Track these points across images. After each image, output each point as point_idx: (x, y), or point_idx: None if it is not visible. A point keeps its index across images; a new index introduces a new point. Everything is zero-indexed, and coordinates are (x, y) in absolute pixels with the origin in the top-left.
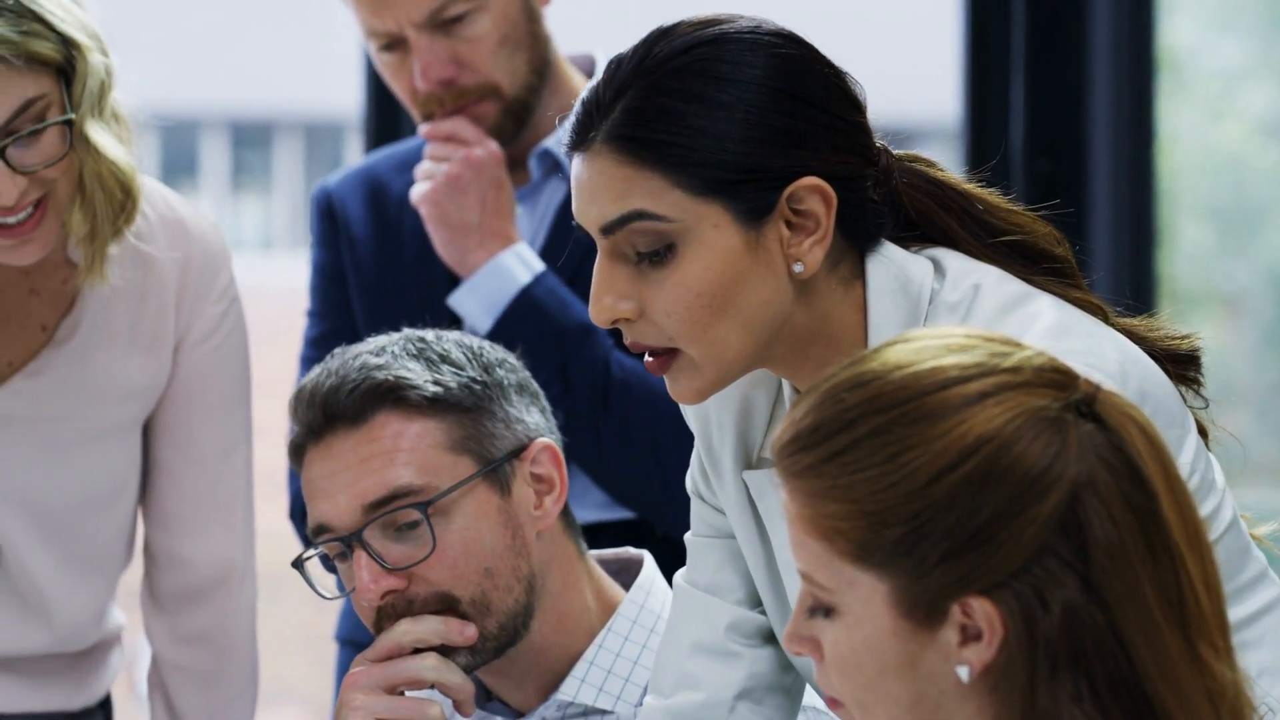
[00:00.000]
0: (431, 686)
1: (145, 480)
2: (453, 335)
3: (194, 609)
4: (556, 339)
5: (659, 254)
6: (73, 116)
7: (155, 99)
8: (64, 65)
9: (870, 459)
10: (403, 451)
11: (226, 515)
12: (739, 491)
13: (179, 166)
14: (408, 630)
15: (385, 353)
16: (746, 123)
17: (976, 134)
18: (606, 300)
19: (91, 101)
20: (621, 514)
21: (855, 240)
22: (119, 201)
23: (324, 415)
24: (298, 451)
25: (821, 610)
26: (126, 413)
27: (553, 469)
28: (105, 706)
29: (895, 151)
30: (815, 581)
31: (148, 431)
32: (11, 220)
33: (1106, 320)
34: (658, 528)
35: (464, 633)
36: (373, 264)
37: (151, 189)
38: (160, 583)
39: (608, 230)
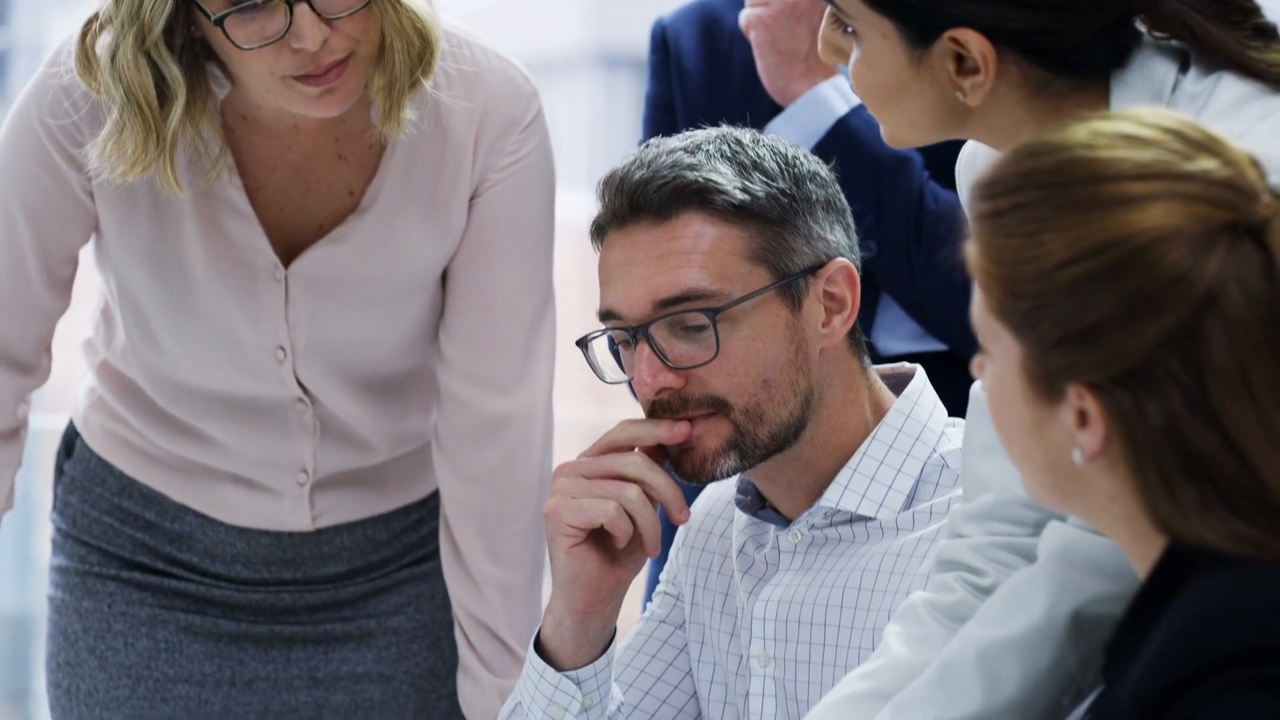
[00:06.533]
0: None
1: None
2: (769, 140)
3: (476, 450)
4: (872, 170)
5: (849, 31)
6: None
7: None
8: None
9: (1017, 229)
10: (700, 254)
11: (509, 360)
12: None
13: None
14: (623, 429)
15: (700, 151)
16: None
17: None
18: (820, 42)
19: None
20: (933, 345)
21: (1071, 72)
22: (417, 51)
23: (630, 205)
24: (599, 231)
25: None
26: (427, 273)
27: (847, 289)
28: None
29: None
30: (974, 321)
31: (443, 274)
32: (317, 71)
33: None
34: (968, 359)
35: (674, 430)
36: (701, 95)
37: (456, 37)
38: (445, 422)
39: None
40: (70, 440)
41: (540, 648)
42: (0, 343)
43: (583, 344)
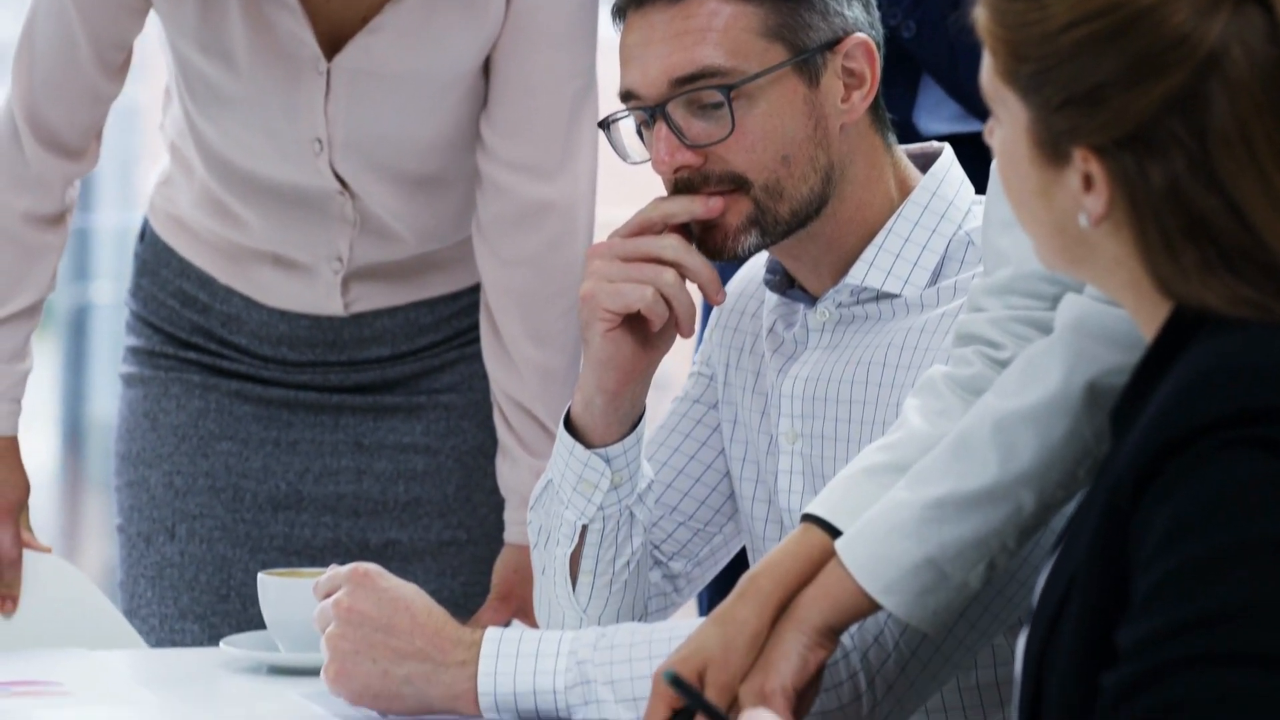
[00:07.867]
0: (673, 265)
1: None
2: None
3: (518, 235)
4: None
5: None
6: None
7: None
8: None
9: None
10: (715, 31)
11: (550, 146)
12: None
13: None
14: (656, 206)
15: None
16: None
17: None
18: None
19: None
20: (974, 126)
21: None
22: None
23: None
24: (620, 13)
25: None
26: (466, 64)
27: (865, 65)
28: None
29: None
30: (983, 86)
31: (484, 66)
32: None
33: None
34: None
35: (708, 205)
36: None
37: None
38: (486, 209)
39: None
40: (144, 226)
41: (570, 425)
42: (50, 128)
43: (605, 125)
